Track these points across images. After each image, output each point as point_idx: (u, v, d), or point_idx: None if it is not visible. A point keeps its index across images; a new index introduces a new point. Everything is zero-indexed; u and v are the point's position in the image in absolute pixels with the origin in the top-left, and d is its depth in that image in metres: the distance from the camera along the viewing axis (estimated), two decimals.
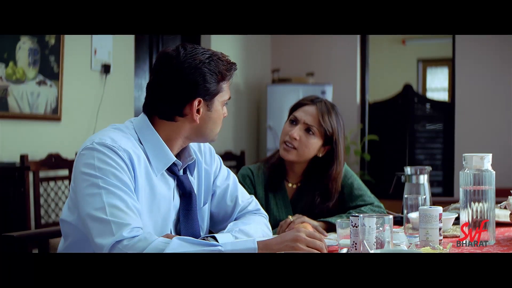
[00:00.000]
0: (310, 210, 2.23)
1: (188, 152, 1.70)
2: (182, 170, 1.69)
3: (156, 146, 1.61)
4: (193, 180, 1.74)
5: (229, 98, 1.69)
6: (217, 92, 1.63)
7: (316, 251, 1.51)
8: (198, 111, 1.61)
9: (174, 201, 1.66)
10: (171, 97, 1.59)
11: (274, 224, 2.11)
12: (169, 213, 1.64)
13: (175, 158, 1.64)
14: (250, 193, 2.07)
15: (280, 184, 2.28)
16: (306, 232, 1.53)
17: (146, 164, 1.59)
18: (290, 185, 2.30)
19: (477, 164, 1.76)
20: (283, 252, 1.49)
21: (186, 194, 1.68)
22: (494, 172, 1.77)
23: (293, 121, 2.23)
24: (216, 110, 1.65)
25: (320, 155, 2.24)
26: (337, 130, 2.21)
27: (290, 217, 2.07)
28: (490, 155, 1.77)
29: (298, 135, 2.18)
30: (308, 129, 2.20)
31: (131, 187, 1.52)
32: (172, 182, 1.65)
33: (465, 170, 1.77)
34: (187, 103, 1.59)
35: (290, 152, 2.20)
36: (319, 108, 2.20)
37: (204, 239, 1.52)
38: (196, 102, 1.59)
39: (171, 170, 1.64)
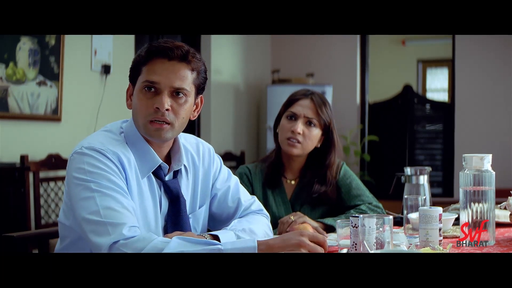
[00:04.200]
0: (308, 202, 2.26)
1: (179, 156, 1.69)
2: (172, 174, 1.69)
3: (140, 147, 1.61)
4: (188, 183, 1.73)
5: (154, 82, 1.57)
6: (137, 75, 1.61)
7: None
8: (130, 96, 1.64)
9: (162, 206, 1.64)
10: None
11: (274, 221, 2.11)
12: (157, 217, 1.63)
13: (161, 161, 1.63)
14: (247, 191, 2.08)
15: (278, 181, 2.29)
16: (309, 236, 1.52)
17: (136, 166, 1.58)
18: (288, 181, 2.33)
19: (477, 165, 1.75)
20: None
21: (173, 199, 1.66)
22: (494, 172, 1.77)
23: (292, 117, 2.27)
24: (135, 94, 1.61)
25: (319, 145, 2.30)
26: (332, 118, 2.31)
27: (291, 216, 2.08)
28: (490, 155, 1.77)
29: (301, 129, 2.23)
30: (309, 122, 2.26)
31: (124, 187, 1.52)
32: (157, 187, 1.63)
33: (465, 171, 1.77)
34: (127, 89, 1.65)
35: (295, 147, 2.25)
36: (315, 101, 2.28)
37: (206, 237, 1.52)
38: (129, 88, 1.64)
39: (157, 175, 1.63)
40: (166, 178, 1.66)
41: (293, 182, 2.33)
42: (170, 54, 1.57)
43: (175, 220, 1.65)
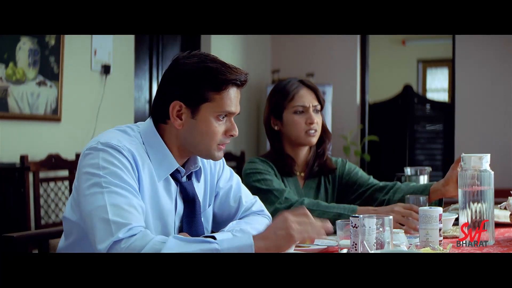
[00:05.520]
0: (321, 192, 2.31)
1: (194, 160, 1.70)
2: (186, 176, 1.69)
3: (159, 151, 1.61)
4: (201, 185, 1.73)
5: (231, 113, 1.61)
6: (203, 100, 1.57)
7: (309, 227, 1.48)
8: (180, 116, 1.58)
9: (177, 208, 1.65)
10: (156, 97, 1.63)
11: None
12: (171, 218, 1.63)
13: (178, 165, 1.63)
14: (275, 175, 2.20)
15: (291, 171, 2.31)
16: (291, 213, 1.50)
17: (150, 168, 1.58)
18: (298, 173, 2.35)
19: (476, 165, 1.75)
20: (280, 241, 1.45)
21: (189, 201, 1.66)
22: (493, 172, 1.76)
23: (301, 111, 2.26)
24: (203, 120, 1.58)
25: None
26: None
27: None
28: (489, 155, 1.76)
29: (316, 119, 2.27)
30: (315, 110, 2.28)
31: (135, 186, 1.51)
32: (174, 188, 1.64)
33: (464, 171, 1.77)
34: (167, 104, 1.58)
35: (315, 136, 2.28)
36: (311, 87, 2.30)
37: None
38: (177, 106, 1.57)
39: (174, 177, 1.64)
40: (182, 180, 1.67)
41: (302, 174, 2.34)
42: (242, 82, 1.62)
43: (190, 221, 1.66)
